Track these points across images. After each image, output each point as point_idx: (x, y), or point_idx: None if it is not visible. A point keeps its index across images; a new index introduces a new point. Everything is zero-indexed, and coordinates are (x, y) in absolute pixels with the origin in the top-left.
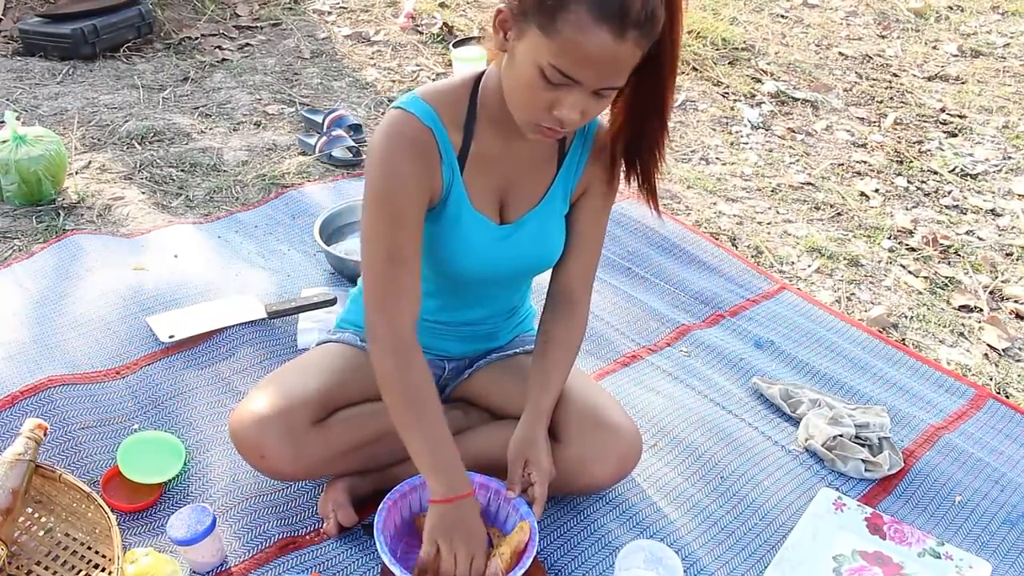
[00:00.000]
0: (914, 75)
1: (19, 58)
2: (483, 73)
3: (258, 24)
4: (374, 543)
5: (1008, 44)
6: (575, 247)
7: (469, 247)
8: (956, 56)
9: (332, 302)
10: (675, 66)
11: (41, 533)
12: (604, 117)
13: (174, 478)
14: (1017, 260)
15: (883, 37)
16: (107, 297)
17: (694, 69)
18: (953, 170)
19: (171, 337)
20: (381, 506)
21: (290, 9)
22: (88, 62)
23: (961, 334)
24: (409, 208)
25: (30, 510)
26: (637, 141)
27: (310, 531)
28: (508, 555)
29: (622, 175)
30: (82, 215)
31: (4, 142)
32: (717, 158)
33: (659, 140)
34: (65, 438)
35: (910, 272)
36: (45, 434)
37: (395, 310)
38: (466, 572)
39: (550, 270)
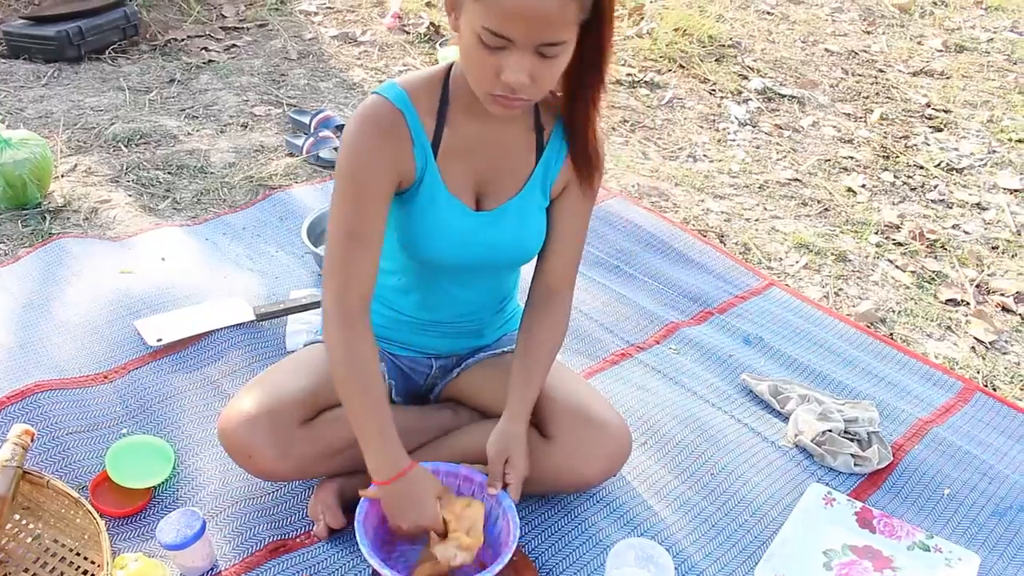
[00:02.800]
0: (899, 71)
1: (3, 60)
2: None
3: (244, 25)
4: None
5: (991, 39)
6: (556, 242)
7: (444, 230)
8: (940, 51)
9: (320, 304)
10: (611, 27)
11: (29, 540)
12: None
13: (163, 482)
14: (1003, 253)
15: (868, 33)
16: (94, 301)
17: (681, 66)
18: (939, 165)
19: (159, 341)
20: (362, 500)
21: (276, 10)
22: (73, 64)
23: (948, 328)
24: (373, 187)
25: (18, 517)
26: (574, 98)
27: (300, 534)
28: (465, 537)
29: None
30: (68, 218)
31: None
32: (704, 155)
33: (595, 96)
34: (53, 443)
35: (897, 267)
36: (32, 440)
37: (346, 284)
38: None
39: (533, 266)
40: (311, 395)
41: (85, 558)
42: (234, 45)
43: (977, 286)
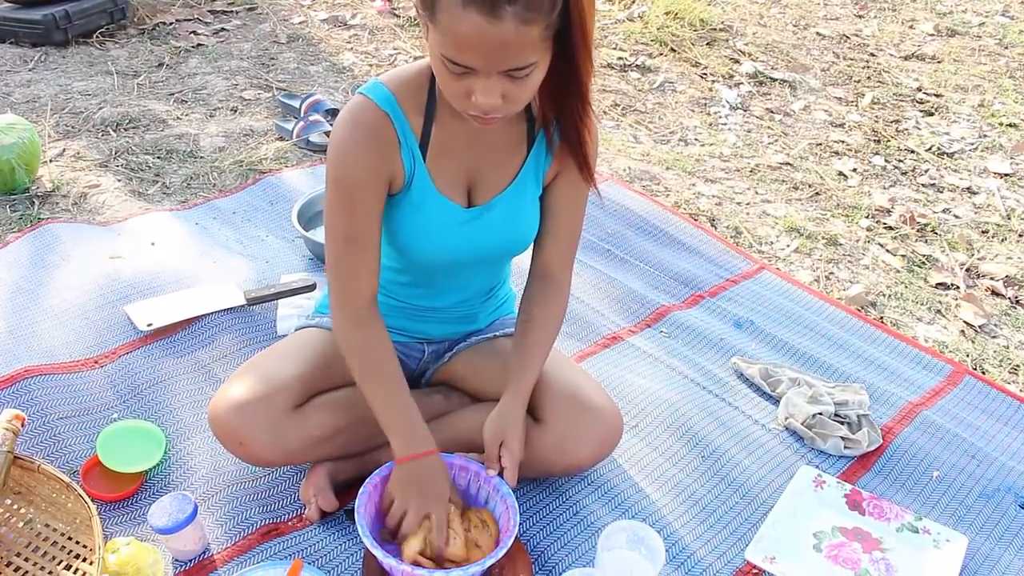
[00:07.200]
0: (891, 55)
1: None
2: None
3: (233, 8)
4: (355, 527)
5: (983, 23)
6: (553, 228)
7: (434, 230)
8: (932, 35)
9: (311, 288)
10: (586, 39)
11: (21, 525)
12: None
13: (155, 467)
14: (992, 238)
15: (860, 17)
16: (84, 286)
17: (672, 50)
18: (930, 149)
19: (149, 325)
20: (362, 490)
21: None
22: (61, 48)
23: (938, 311)
24: (363, 193)
25: (9, 501)
26: (560, 120)
27: (292, 517)
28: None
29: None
30: (57, 203)
31: None
32: (696, 139)
33: (582, 117)
34: (44, 428)
35: (888, 251)
36: (23, 425)
37: (353, 287)
38: (414, 525)
39: (529, 252)
40: (301, 381)
41: (77, 542)
42: (223, 29)
43: (967, 270)
